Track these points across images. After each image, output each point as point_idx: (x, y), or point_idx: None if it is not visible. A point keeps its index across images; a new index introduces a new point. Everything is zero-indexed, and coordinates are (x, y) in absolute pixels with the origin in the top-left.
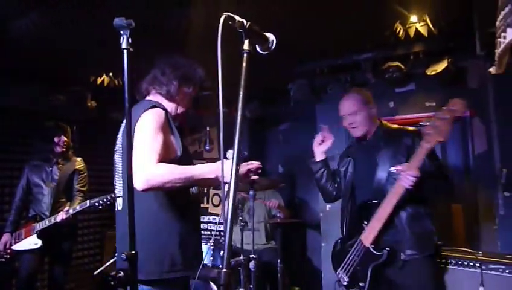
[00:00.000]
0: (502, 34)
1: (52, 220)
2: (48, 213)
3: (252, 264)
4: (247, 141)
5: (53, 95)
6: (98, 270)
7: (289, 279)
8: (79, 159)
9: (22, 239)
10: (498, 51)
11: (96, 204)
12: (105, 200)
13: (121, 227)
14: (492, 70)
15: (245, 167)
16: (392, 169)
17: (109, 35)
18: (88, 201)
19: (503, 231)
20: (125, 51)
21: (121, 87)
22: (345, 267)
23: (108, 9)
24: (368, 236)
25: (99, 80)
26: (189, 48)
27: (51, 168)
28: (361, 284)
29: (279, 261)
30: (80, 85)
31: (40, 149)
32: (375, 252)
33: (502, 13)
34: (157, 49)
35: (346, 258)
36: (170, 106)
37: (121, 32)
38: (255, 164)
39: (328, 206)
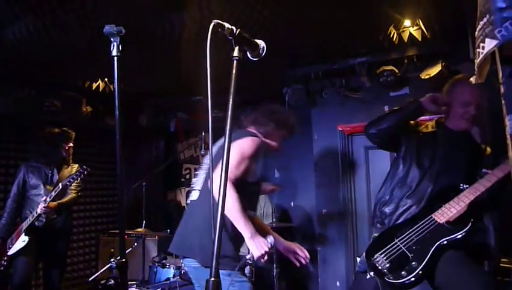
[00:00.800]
0: (481, 45)
1: (35, 214)
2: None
3: (247, 269)
4: None
5: (48, 100)
6: (93, 277)
7: (286, 284)
8: (76, 165)
9: (14, 243)
10: (477, 61)
11: (68, 183)
12: (75, 177)
13: (195, 218)
14: (472, 79)
15: (295, 247)
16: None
17: (104, 40)
18: (60, 184)
19: None
20: (115, 58)
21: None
22: (388, 251)
23: (104, 13)
24: (443, 214)
25: (94, 86)
26: (182, 53)
27: (51, 172)
28: (413, 264)
29: (274, 266)
30: (75, 90)
31: (40, 152)
32: (449, 227)
33: (481, 23)
34: (149, 54)
35: (393, 242)
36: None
37: (111, 39)
38: (304, 254)
39: (324, 210)
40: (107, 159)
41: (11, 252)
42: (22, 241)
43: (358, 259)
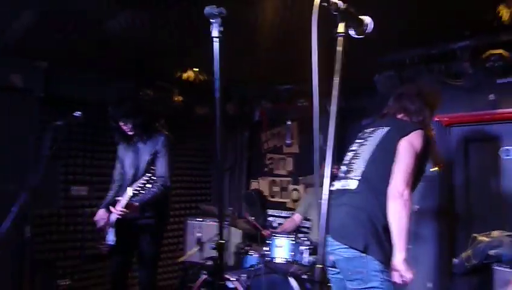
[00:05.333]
0: None
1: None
2: None
3: None
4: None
5: (143, 90)
6: (183, 258)
7: None
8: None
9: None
10: None
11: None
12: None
13: (357, 208)
14: None
15: (405, 272)
16: None
17: (197, 29)
18: (130, 189)
19: None
20: (215, 39)
21: (207, 82)
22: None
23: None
24: None
25: (185, 76)
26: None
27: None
28: None
29: None
30: (168, 81)
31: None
32: None
33: None
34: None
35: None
36: None
37: (212, 20)
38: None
39: (417, 206)
40: (198, 147)
41: (107, 240)
42: (111, 240)
43: (455, 260)
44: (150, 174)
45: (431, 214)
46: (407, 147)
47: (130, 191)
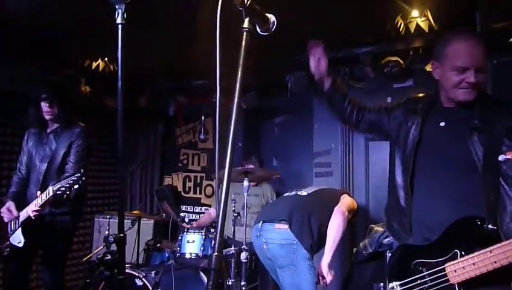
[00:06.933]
0: None
1: (25, 215)
2: None
3: (243, 255)
4: (242, 132)
5: (46, 78)
6: (88, 256)
7: None
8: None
9: (14, 231)
10: None
11: (60, 192)
12: (69, 183)
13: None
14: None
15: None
16: (502, 157)
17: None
18: (51, 188)
19: None
20: (119, 26)
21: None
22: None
23: None
24: (458, 271)
25: (94, 65)
26: (186, 30)
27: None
28: None
29: None
30: (75, 69)
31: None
32: None
33: None
34: (151, 32)
35: (413, 281)
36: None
37: (116, 6)
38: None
39: None
40: (105, 141)
41: (12, 241)
42: (18, 241)
43: (355, 249)
44: (79, 175)
45: None
46: None
47: (50, 191)
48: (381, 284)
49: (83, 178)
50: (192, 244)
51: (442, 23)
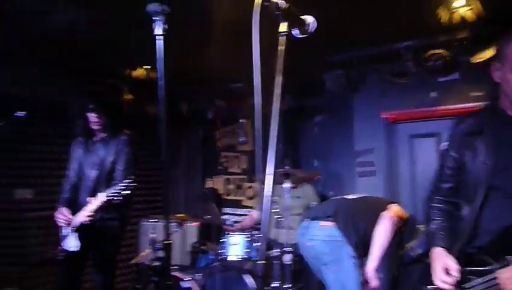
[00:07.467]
0: None
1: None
2: None
3: (287, 257)
4: (281, 133)
5: (89, 88)
6: (135, 260)
7: None
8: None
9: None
10: None
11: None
12: (117, 190)
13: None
14: None
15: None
16: None
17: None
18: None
19: None
20: (158, 37)
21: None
22: None
23: None
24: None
25: (134, 74)
26: (221, 35)
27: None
28: None
29: None
30: (117, 78)
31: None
32: None
33: None
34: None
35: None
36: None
37: (154, 18)
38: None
39: None
40: (146, 146)
41: (65, 246)
42: (73, 246)
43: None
44: (128, 181)
45: None
46: None
47: (103, 197)
48: (429, 287)
49: (132, 185)
50: (235, 247)
51: (488, 12)
